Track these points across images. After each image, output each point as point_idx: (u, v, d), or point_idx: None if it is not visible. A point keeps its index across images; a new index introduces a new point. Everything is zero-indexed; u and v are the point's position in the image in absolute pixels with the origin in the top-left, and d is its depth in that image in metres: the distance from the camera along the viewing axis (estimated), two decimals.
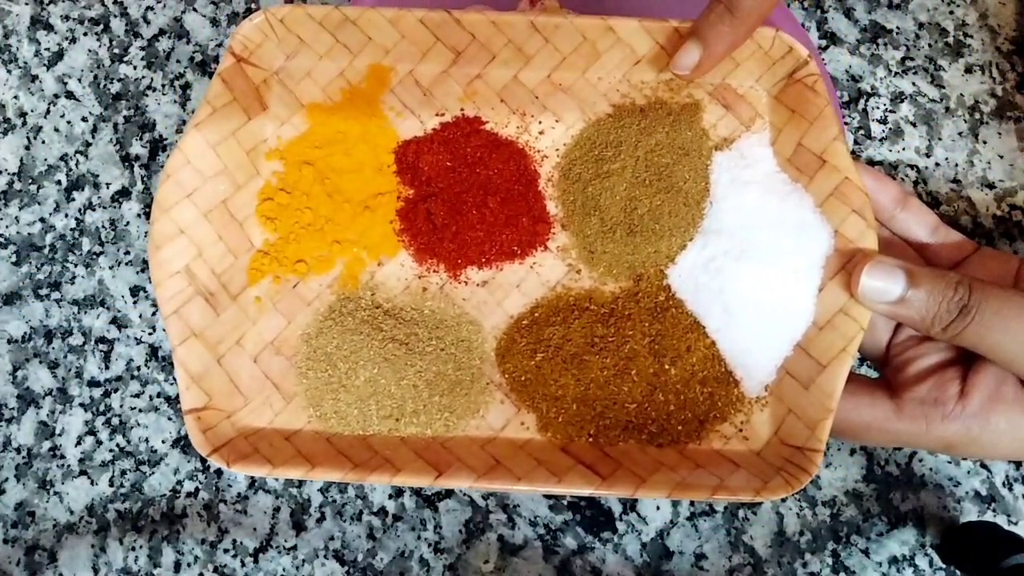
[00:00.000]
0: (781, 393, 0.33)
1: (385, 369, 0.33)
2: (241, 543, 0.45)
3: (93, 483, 0.46)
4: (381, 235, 0.35)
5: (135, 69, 0.51)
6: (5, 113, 0.50)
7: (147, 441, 0.46)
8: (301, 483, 0.46)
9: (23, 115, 0.50)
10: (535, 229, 0.35)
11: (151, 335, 0.47)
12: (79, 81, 0.51)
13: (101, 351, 0.47)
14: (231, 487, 0.46)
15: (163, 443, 0.46)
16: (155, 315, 0.48)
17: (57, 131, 0.50)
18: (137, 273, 0.48)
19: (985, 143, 0.48)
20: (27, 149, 0.50)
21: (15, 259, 0.49)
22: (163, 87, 0.50)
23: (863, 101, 0.49)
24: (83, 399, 0.47)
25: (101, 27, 0.51)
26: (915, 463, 0.45)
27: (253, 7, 0.51)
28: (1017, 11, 0.50)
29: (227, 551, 0.45)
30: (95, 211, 0.49)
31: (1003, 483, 0.45)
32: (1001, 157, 0.48)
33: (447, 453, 0.33)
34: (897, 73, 0.49)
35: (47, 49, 0.51)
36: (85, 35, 0.51)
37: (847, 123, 0.48)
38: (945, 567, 0.44)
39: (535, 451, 0.33)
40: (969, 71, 0.49)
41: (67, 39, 0.51)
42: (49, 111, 0.50)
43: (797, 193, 0.34)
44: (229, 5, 0.51)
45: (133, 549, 0.45)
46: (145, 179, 0.49)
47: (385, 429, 0.33)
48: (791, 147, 0.34)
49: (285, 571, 0.45)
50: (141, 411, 0.47)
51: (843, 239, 0.32)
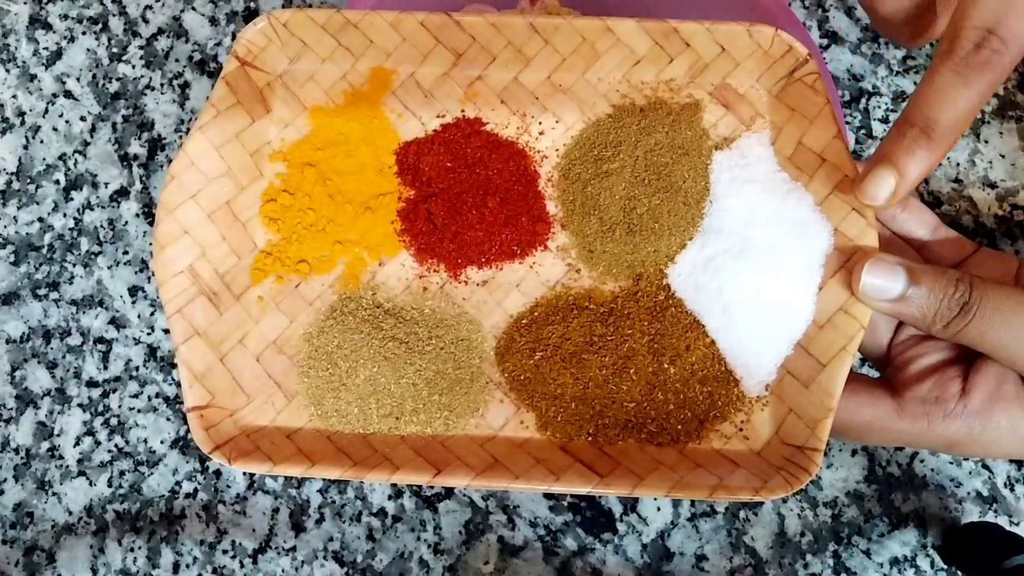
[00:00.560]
0: (781, 392, 0.33)
1: (385, 368, 0.33)
2: (240, 544, 0.45)
3: (92, 484, 0.46)
4: (382, 235, 0.35)
5: (134, 68, 0.50)
6: (3, 112, 0.50)
7: (146, 442, 0.46)
8: (300, 484, 0.45)
9: (21, 114, 0.50)
10: (535, 229, 0.35)
11: (150, 335, 0.47)
12: (78, 80, 0.51)
13: (100, 351, 0.47)
14: (230, 488, 0.45)
15: (162, 444, 0.46)
16: (154, 315, 0.48)
17: (56, 130, 0.50)
18: (136, 273, 0.48)
19: (987, 143, 0.48)
20: (25, 149, 0.50)
21: (13, 259, 0.48)
22: (162, 86, 0.50)
23: (864, 100, 0.49)
24: (82, 399, 0.47)
25: (100, 26, 0.51)
26: (916, 464, 0.45)
27: (251, 6, 0.51)
28: None
29: (226, 552, 0.45)
30: (93, 211, 0.49)
31: (1004, 484, 0.45)
32: (1003, 157, 0.48)
33: (446, 451, 0.33)
34: (898, 72, 0.49)
35: (46, 48, 0.51)
36: (84, 34, 0.51)
37: (848, 122, 0.48)
38: (946, 568, 0.44)
39: (534, 450, 0.33)
40: None
41: (66, 38, 0.51)
42: (48, 110, 0.50)
43: (797, 192, 0.33)
44: (228, 4, 0.51)
45: (132, 550, 0.45)
46: (144, 179, 0.49)
47: (385, 427, 0.33)
48: (791, 146, 0.34)
49: (284, 572, 0.45)
50: (140, 411, 0.47)
51: (843, 237, 0.32)
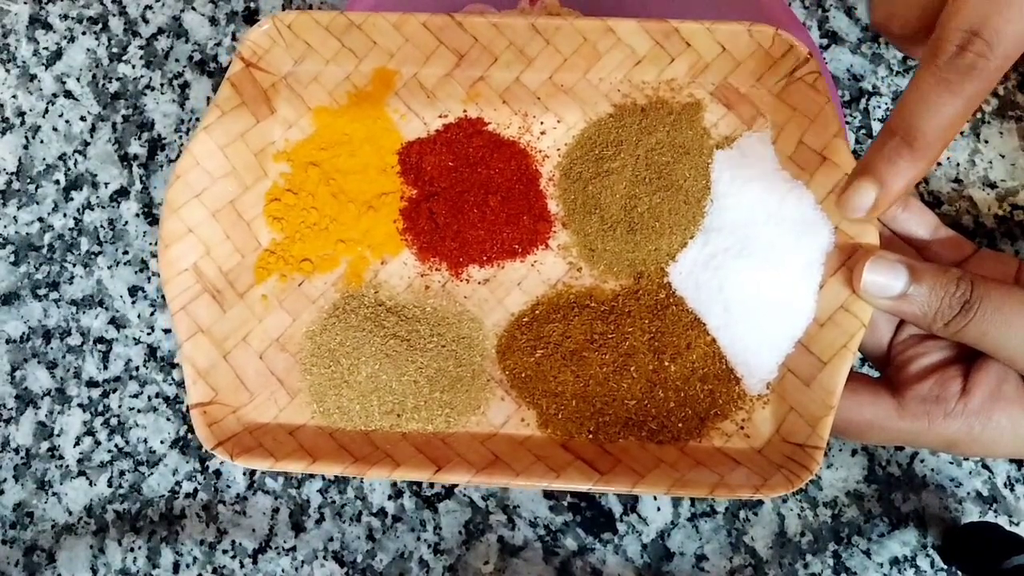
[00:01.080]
0: (782, 390, 0.33)
1: (387, 365, 0.33)
2: (240, 544, 0.45)
3: (92, 484, 0.46)
4: (385, 234, 0.36)
5: (134, 68, 0.50)
6: (3, 112, 0.50)
7: (146, 442, 0.46)
8: (300, 484, 0.45)
9: (21, 114, 0.50)
10: (536, 228, 0.35)
11: (150, 335, 0.47)
12: (77, 80, 0.50)
13: (100, 351, 0.47)
14: (230, 488, 0.45)
15: (162, 444, 0.46)
16: (154, 315, 0.48)
17: (55, 130, 0.50)
18: (136, 273, 0.48)
19: (987, 143, 0.48)
20: (25, 149, 0.50)
21: (13, 259, 0.48)
22: (162, 86, 0.50)
23: (865, 100, 0.49)
24: (81, 399, 0.47)
25: (100, 26, 0.51)
26: (916, 464, 0.45)
27: (252, 6, 0.51)
28: None
29: (226, 552, 0.45)
30: (93, 211, 0.49)
31: (1004, 484, 0.45)
32: (1003, 156, 0.48)
33: (447, 448, 0.33)
34: (899, 72, 0.49)
35: (45, 48, 0.51)
36: (84, 34, 0.51)
37: (848, 122, 0.48)
38: (946, 568, 0.44)
39: (534, 447, 0.33)
40: None
41: (65, 38, 0.51)
42: (47, 110, 0.50)
43: (798, 190, 0.33)
44: (228, 4, 0.51)
45: (132, 550, 0.45)
46: (144, 179, 0.49)
47: (387, 424, 0.33)
48: (792, 145, 0.34)
49: (284, 572, 0.44)
50: (140, 411, 0.46)
51: (844, 236, 0.32)
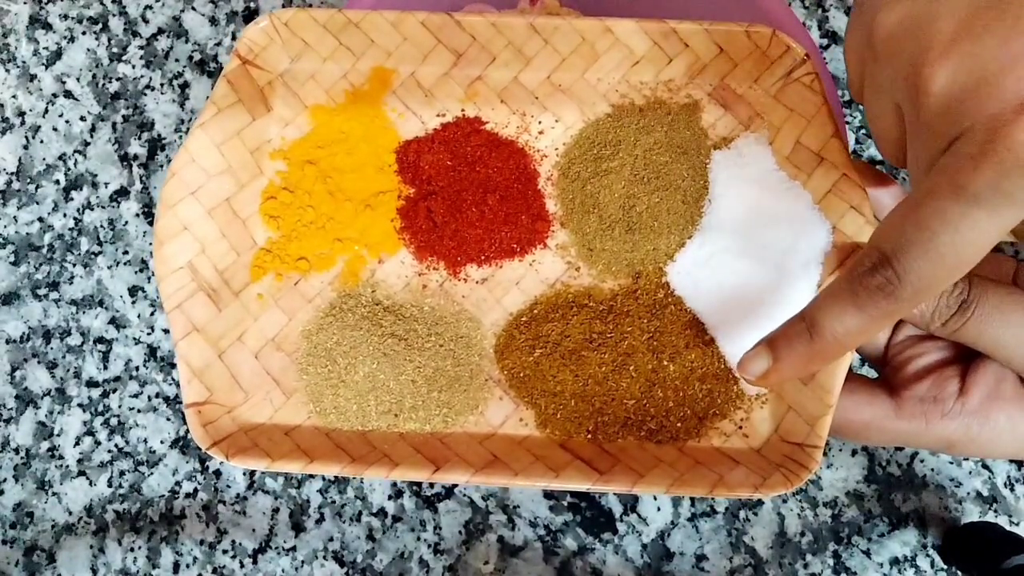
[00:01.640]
0: (781, 390, 0.33)
1: (384, 364, 0.33)
2: (240, 544, 0.45)
3: (92, 484, 0.46)
4: (382, 233, 0.35)
5: (134, 68, 0.50)
6: (3, 112, 0.50)
7: (146, 442, 0.46)
8: (300, 484, 0.45)
9: (21, 114, 0.50)
10: (534, 227, 0.35)
11: (150, 335, 0.47)
12: (77, 80, 0.51)
13: (100, 351, 0.47)
14: (230, 488, 0.45)
15: (162, 444, 0.46)
16: (154, 315, 0.48)
17: (55, 130, 0.50)
18: (136, 273, 0.48)
19: None
20: (25, 148, 0.50)
21: (13, 259, 0.48)
22: (162, 86, 0.50)
23: None
24: (81, 399, 0.47)
25: (100, 26, 0.51)
26: (916, 464, 0.45)
27: (251, 6, 0.51)
28: None
29: (226, 552, 0.45)
30: (93, 211, 0.49)
31: (1004, 483, 0.44)
32: None
33: (445, 448, 0.33)
34: None
35: (45, 48, 0.51)
36: (84, 34, 0.51)
37: (848, 122, 0.48)
38: (946, 568, 0.44)
39: (533, 447, 0.33)
40: None
41: (65, 38, 0.51)
42: (47, 110, 0.50)
43: (795, 190, 0.33)
44: (228, 4, 0.51)
45: (132, 550, 0.45)
46: (144, 179, 0.49)
47: (384, 424, 0.33)
48: (789, 145, 0.34)
49: (284, 572, 0.44)
50: (140, 411, 0.47)
51: (841, 235, 0.32)
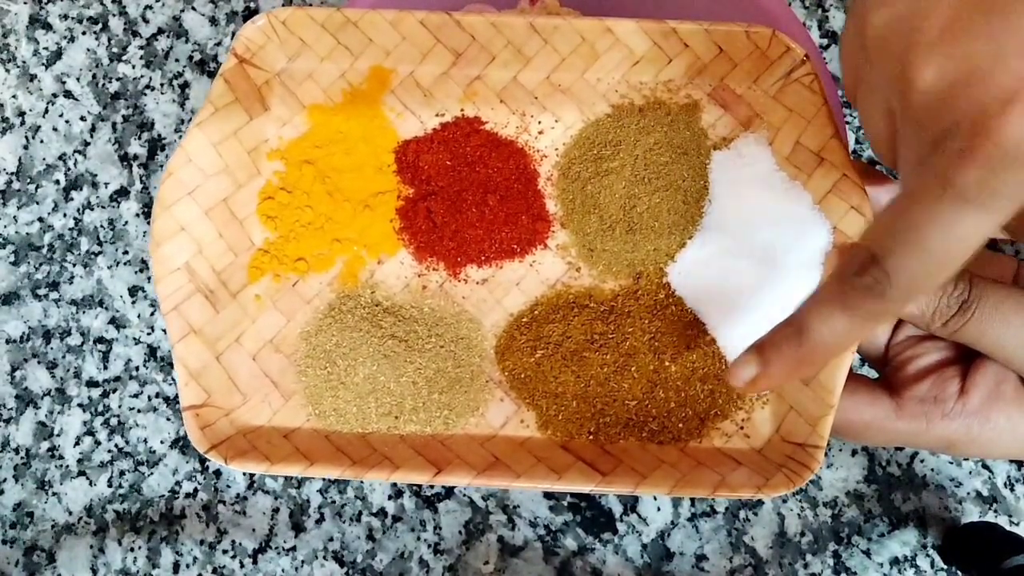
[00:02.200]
0: (782, 390, 0.33)
1: (384, 366, 0.33)
2: (240, 544, 0.45)
3: (92, 484, 0.46)
4: (381, 233, 0.35)
5: (134, 68, 0.50)
6: (3, 112, 0.50)
7: (146, 442, 0.46)
8: (300, 484, 0.45)
9: (21, 114, 0.50)
10: (535, 227, 0.35)
11: (150, 335, 0.47)
12: (77, 80, 0.51)
13: (100, 351, 0.47)
14: (230, 488, 0.45)
15: (162, 444, 0.46)
16: (154, 315, 0.48)
17: (55, 130, 0.50)
18: (136, 273, 0.48)
19: None
20: (25, 148, 0.50)
21: (13, 259, 0.48)
22: (162, 86, 0.50)
23: None
24: (81, 399, 0.47)
25: (100, 26, 0.51)
26: (916, 464, 0.45)
27: (252, 6, 0.51)
28: None
29: (226, 552, 0.45)
30: (93, 211, 0.49)
31: (1004, 484, 0.44)
32: None
33: (446, 451, 0.33)
34: None
35: (45, 48, 0.51)
36: (84, 34, 0.51)
37: (848, 122, 0.48)
38: (946, 568, 0.44)
39: (535, 449, 0.33)
40: None
41: (65, 38, 0.51)
42: (47, 110, 0.50)
43: (795, 190, 0.33)
44: (228, 4, 0.51)
45: (132, 550, 0.45)
46: (144, 179, 0.49)
47: (384, 427, 0.33)
48: (789, 145, 0.34)
49: (284, 572, 0.44)
50: (140, 411, 0.47)
51: (842, 235, 0.32)
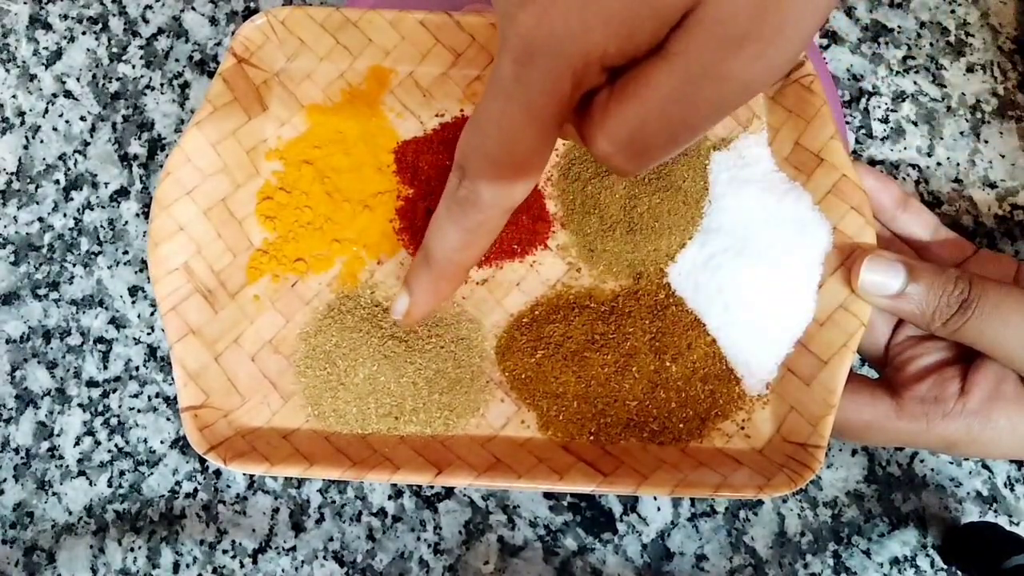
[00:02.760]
0: (782, 390, 0.33)
1: (384, 367, 0.33)
2: (240, 544, 0.45)
3: (92, 484, 0.46)
4: (380, 234, 0.35)
5: (134, 68, 0.50)
6: (3, 112, 0.50)
7: (146, 442, 0.46)
8: (300, 484, 0.45)
9: (21, 114, 0.50)
10: (535, 228, 0.35)
11: (149, 335, 0.47)
12: (77, 80, 0.51)
13: (100, 351, 0.47)
14: (230, 488, 0.45)
15: (162, 444, 0.46)
16: (154, 315, 0.48)
17: (55, 130, 0.50)
18: (136, 273, 0.48)
19: (987, 142, 0.48)
20: (25, 148, 0.50)
21: (13, 259, 0.48)
22: (162, 86, 0.50)
23: (864, 100, 0.49)
24: (81, 399, 0.47)
25: (100, 26, 0.51)
26: (916, 464, 0.45)
27: (252, 6, 0.51)
28: (1018, 10, 0.50)
29: (226, 552, 0.45)
30: (93, 211, 0.49)
31: (1004, 483, 0.44)
32: (1003, 156, 0.48)
33: (447, 451, 0.33)
34: (898, 72, 0.49)
35: (46, 48, 0.51)
36: (84, 34, 0.51)
37: (848, 122, 0.48)
38: (946, 568, 0.44)
39: (536, 449, 0.33)
40: (971, 70, 0.49)
41: (65, 38, 0.51)
42: (47, 110, 0.50)
43: (795, 191, 0.33)
44: (228, 4, 0.51)
45: (132, 550, 0.45)
46: (144, 179, 0.49)
47: (384, 427, 0.33)
48: (788, 146, 0.34)
49: (284, 572, 0.44)
50: (140, 411, 0.47)
51: (842, 236, 0.32)
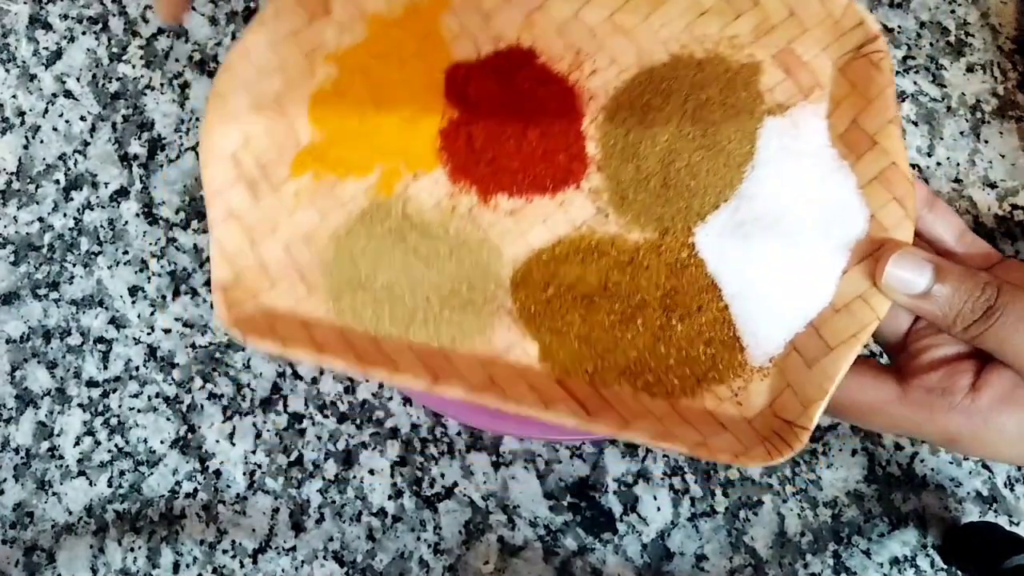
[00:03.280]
0: (784, 367, 0.33)
1: (403, 278, 0.34)
2: (240, 544, 0.45)
3: (91, 484, 0.46)
4: (421, 149, 0.36)
5: (134, 68, 0.50)
6: (3, 112, 0.50)
7: (145, 441, 0.46)
8: (300, 484, 0.45)
9: (21, 114, 0.50)
10: (570, 167, 0.35)
11: (150, 335, 0.47)
12: (77, 80, 0.50)
13: (99, 351, 0.47)
14: (230, 488, 0.45)
15: (161, 444, 0.46)
16: (154, 315, 0.48)
17: (55, 130, 0.50)
18: (136, 273, 0.48)
19: (987, 142, 0.48)
20: (25, 148, 0.50)
21: (13, 259, 0.48)
22: (162, 86, 0.50)
23: None
24: (81, 399, 0.47)
25: (100, 26, 0.51)
26: (916, 464, 0.45)
27: (252, 6, 0.51)
28: (1018, 10, 0.50)
29: (226, 552, 0.45)
30: (93, 211, 0.49)
31: (1005, 483, 0.44)
32: (1003, 156, 0.48)
33: (448, 364, 0.33)
34: (898, 72, 0.49)
35: (45, 48, 0.51)
36: (84, 34, 0.51)
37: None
38: (946, 568, 0.44)
39: (531, 379, 0.33)
40: (970, 70, 0.49)
41: (65, 38, 0.51)
42: (47, 110, 0.50)
43: (842, 171, 0.32)
44: (228, 4, 0.51)
45: (132, 550, 0.45)
46: (144, 179, 0.49)
47: (395, 331, 0.34)
48: (845, 123, 0.33)
49: (284, 572, 0.44)
50: (140, 411, 0.47)
51: (878, 226, 0.32)
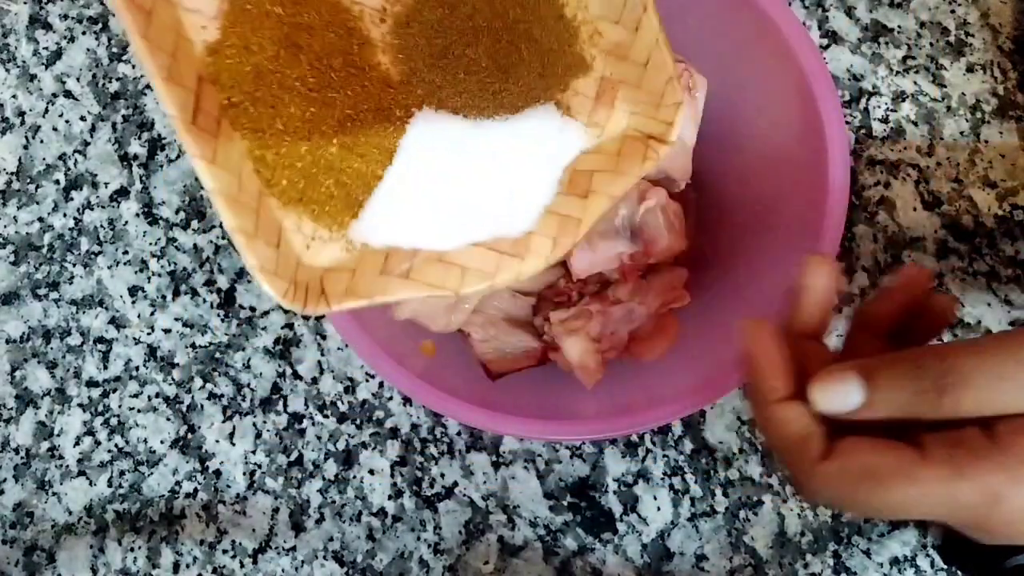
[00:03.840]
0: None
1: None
2: (240, 544, 0.45)
3: (91, 484, 0.46)
4: None
5: (134, 68, 0.50)
6: (3, 112, 0.50)
7: (146, 441, 0.46)
8: (300, 484, 0.45)
9: (21, 114, 0.50)
10: None
11: (150, 335, 0.47)
12: (77, 80, 0.50)
13: (99, 351, 0.47)
14: (230, 488, 0.45)
15: (161, 444, 0.46)
16: (154, 315, 0.48)
17: (55, 130, 0.50)
18: (136, 273, 0.48)
19: (987, 142, 0.48)
20: (25, 148, 0.50)
21: (13, 259, 0.48)
22: None
23: (864, 100, 0.49)
24: (81, 399, 0.47)
25: (100, 26, 0.51)
26: None
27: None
28: (1018, 10, 0.50)
29: (226, 552, 0.45)
30: (93, 211, 0.49)
31: None
32: (1003, 156, 0.48)
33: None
34: (898, 72, 0.49)
35: (45, 48, 0.51)
36: (84, 34, 0.51)
37: (848, 122, 0.48)
38: (946, 568, 0.44)
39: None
40: (970, 70, 0.49)
41: (65, 38, 0.51)
42: (47, 110, 0.50)
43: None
44: None
45: (132, 550, 0.45)
46: (144, 179, 0.49)
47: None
48: (588, 165, 0.32)
49: (284, 572, 0.45)
50: (140, 411, 0.47)
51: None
